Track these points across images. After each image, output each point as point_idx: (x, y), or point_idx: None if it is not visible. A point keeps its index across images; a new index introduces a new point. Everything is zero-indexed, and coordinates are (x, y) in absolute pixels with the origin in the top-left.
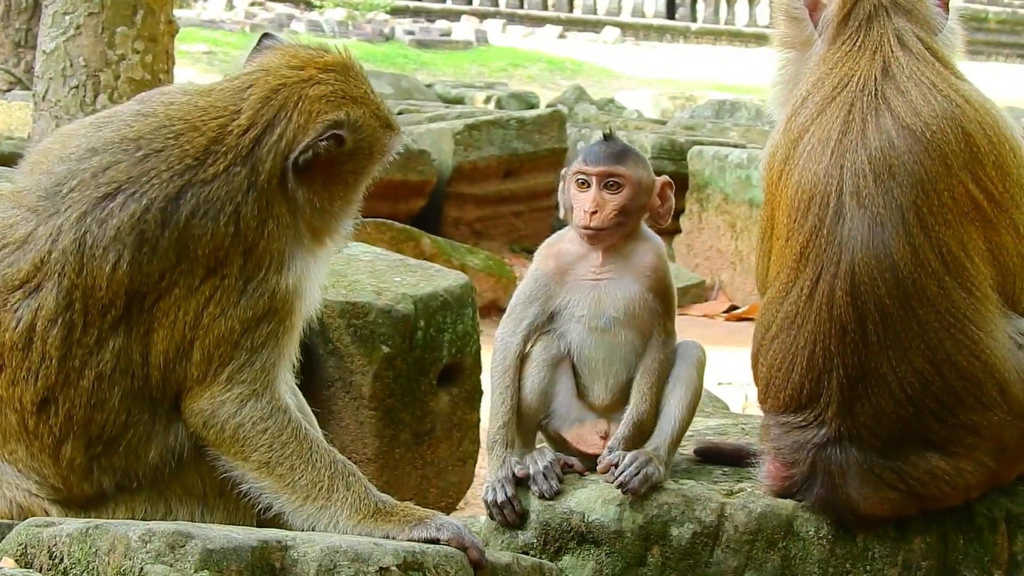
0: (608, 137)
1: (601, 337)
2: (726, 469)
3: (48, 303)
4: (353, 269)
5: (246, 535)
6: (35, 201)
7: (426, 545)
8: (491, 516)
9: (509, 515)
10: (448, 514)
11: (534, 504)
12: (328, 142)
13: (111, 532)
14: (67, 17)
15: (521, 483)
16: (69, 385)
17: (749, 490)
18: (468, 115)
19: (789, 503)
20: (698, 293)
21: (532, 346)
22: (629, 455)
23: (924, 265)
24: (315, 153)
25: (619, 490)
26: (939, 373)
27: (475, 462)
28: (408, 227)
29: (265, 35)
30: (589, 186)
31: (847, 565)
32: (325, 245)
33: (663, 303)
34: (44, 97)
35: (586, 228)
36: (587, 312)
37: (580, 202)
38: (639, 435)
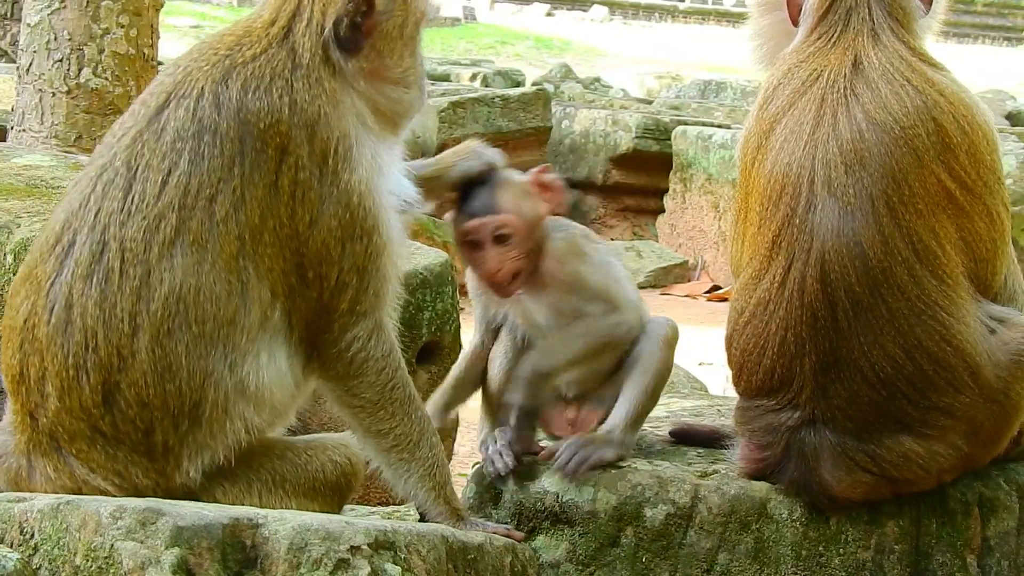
0: (478, 181)
1: (545, 337)
2: (700, 451)
3: (83, 257)
4: None
5: (217, 512)
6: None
7: (398, 523)
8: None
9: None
10: None
11: (508, 484)
12: (358, 4)
13: (82, 508)
14: None
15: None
16: (124, 360)
17: (723, 472)
18: (453, 92)
19: (763, 485)
20: (681, 273)
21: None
22: (569, 440)
23: (894, 253)
24: (352, 21)
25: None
26: (910, 358)
27: (453, 440)
28: None
29: None
30: (481, 246)
31: (820, 548)
32: (396, 127)
33: (586, 291)
34: (28, 70)
35: (495, 286)
36: (520, 322)
37: (477, 264)
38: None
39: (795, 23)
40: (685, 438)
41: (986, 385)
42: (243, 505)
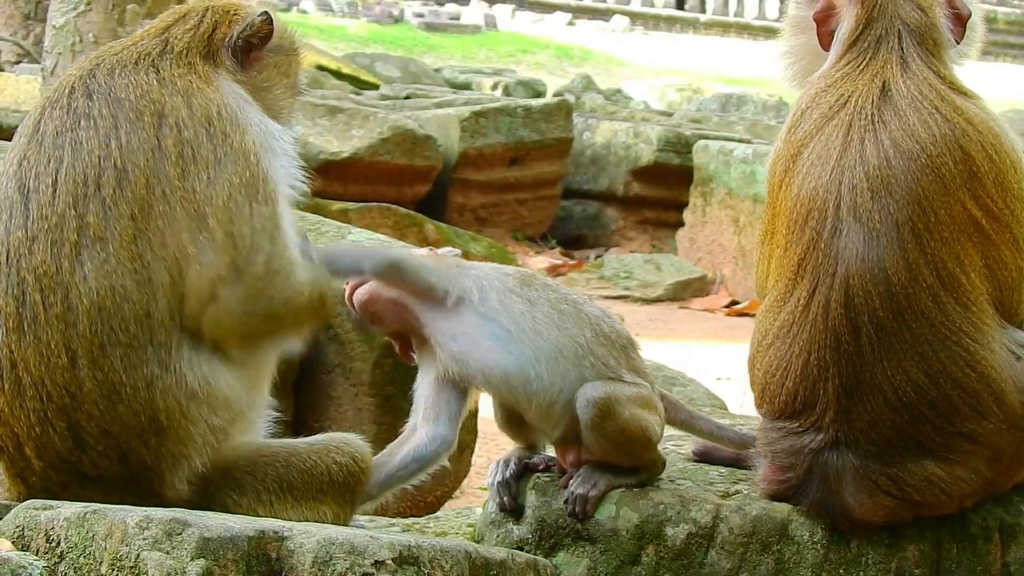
0: None
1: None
2: (722, 470)
3: (10, 308)
4: None
5: (243, 524)
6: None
7: (421, 538)
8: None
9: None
10: (444, 503)
11: (530, 499)
12: (262, 24)
13: (109, 517)
14: None
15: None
16: (74, 395)
17: (744, 492)
18: (475, 102)
19: (784, 507)
20: (699, 287)
21: None
22: (583, 467)
23: (918, 279)
24: (248, 38)
25: None
26: (934, 383)
27: (472, 451)
28: (412, 212)
29: None
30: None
31: (840, 570)
32: (276, 117)
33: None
34: (52, 72)
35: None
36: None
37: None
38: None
39: (825, 47)
40: (707, 459)
41: (1011, 412)
42: (257, 516)
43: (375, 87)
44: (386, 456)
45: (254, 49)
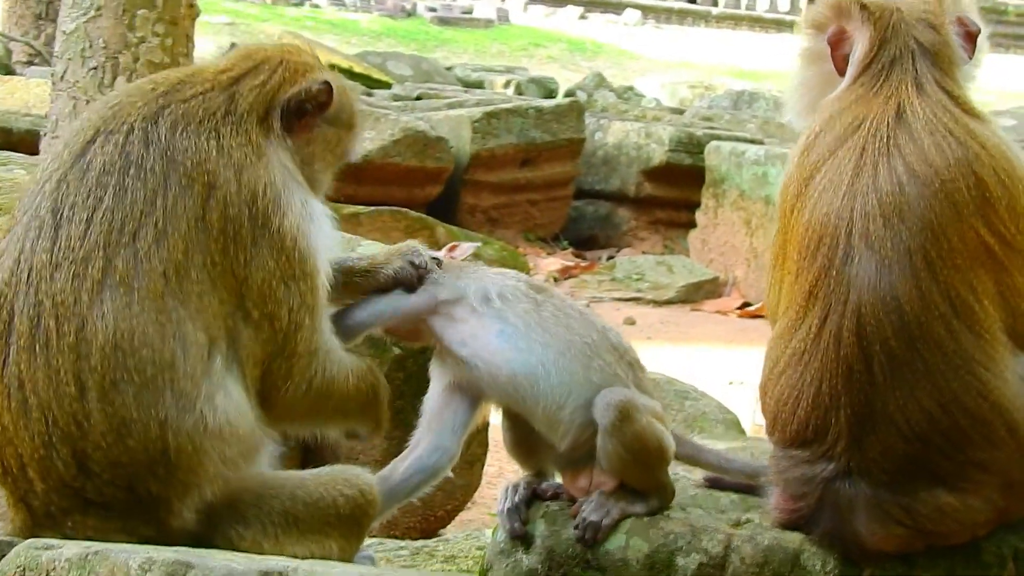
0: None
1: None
2: (733, 497)
3: (23, 327)
4: None
5: (247, 565)
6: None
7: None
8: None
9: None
10: (454, 517)
11: (540, 528)
12: (319, 92)
13: (111, 559)
14: None
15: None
16: (81, 425)
17: (756, 521)
18: (487, 102)
19: (796, 536)
20: (711, 288)
21: None
22: (594, 495)
23: (931, 308)
24: (302, 103)
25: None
26: (946, 413)
27: (483, 465)
28: (423, 216)
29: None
30: None
31: None
32: (316, 191)
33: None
34: (62, 77)
35: None
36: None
37: None
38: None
39: (840, 72)
40: (718, 485)
41: (1023, 440)
42: (262, 549)
43: (387, 86)
44: (389, 470)
45: (307, 115)
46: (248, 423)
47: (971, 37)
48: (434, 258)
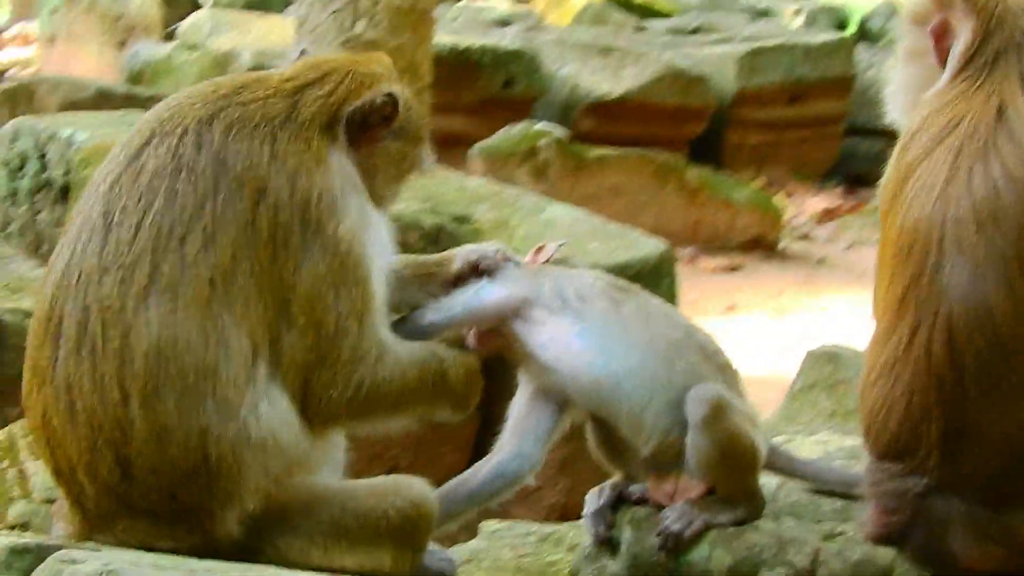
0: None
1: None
2: (836, 504)
3: (71, 331)
4: (550, 233)
5: None
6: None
7: None
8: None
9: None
10: None
11: (626, 534)
12: (383, 105)
13: None
14: None
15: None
16: (124, 431)
17: (849, 534)
18: (754, 38)
19: (888, 552)
20: None
21: None
22: (679, 504)
23: None
24: (366, 115)
25: None
26: None
27: None
28: (672, 159)
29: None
30: None
31: None
32: (379, 203)
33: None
34: (304, 22)
35: None
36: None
37: None
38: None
39: (942, 65)
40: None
41: None
42: (310, 559)
43: (667, 15)
44: (471, 472)
45: (372, 128)
46: (293, 433)
47: None
48: (514, 260)
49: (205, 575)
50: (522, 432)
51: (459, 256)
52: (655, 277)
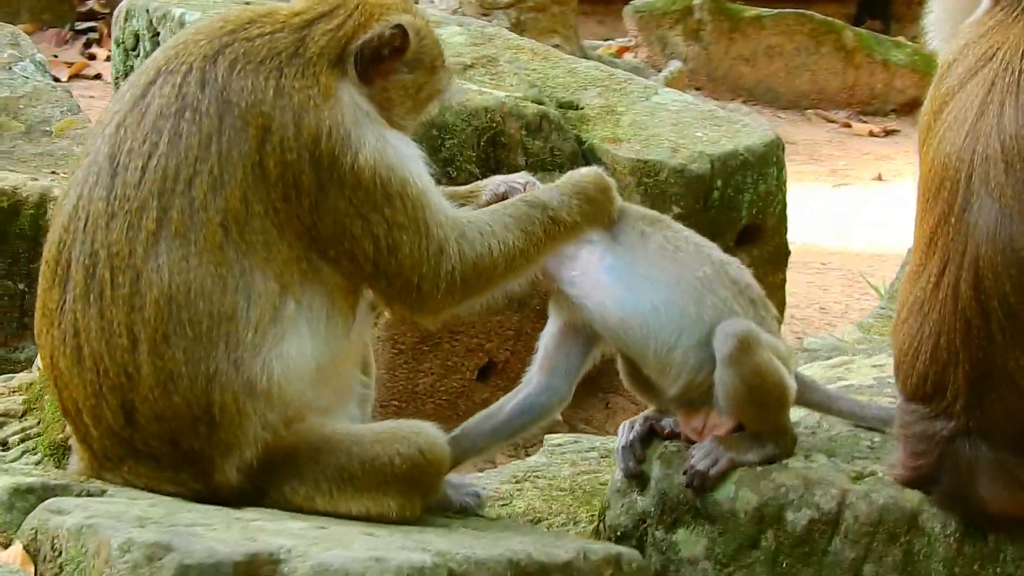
0: None
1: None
2: (875, 440)
3: (79, 275)
4: (656, 121)
5: (235, 546)
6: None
7: (451, 548)
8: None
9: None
10: None
11: (655, 470)
12: (392, 37)
13: (99, 534)
14: None
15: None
16: (131, 377)
17: (879, 476)
18: None
19: (915, 495)
20: None
21: None
22: (706, 441)
23: None
24: (377, 48)
25: None
26: None
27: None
28: (830, 19)
29: None
30: None
31: (975, 566)
32: (401, 128)
33: None
34: None
35: None
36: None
37: None
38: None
39: None
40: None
41: None
42: (315, 506)
43: None
44: (497, 407)
45: (383, 61)
46: (305, 379)
47: None
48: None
49: (187, 529)
50: (552, 366)
51: (488, 187)
52: (762, 166)
